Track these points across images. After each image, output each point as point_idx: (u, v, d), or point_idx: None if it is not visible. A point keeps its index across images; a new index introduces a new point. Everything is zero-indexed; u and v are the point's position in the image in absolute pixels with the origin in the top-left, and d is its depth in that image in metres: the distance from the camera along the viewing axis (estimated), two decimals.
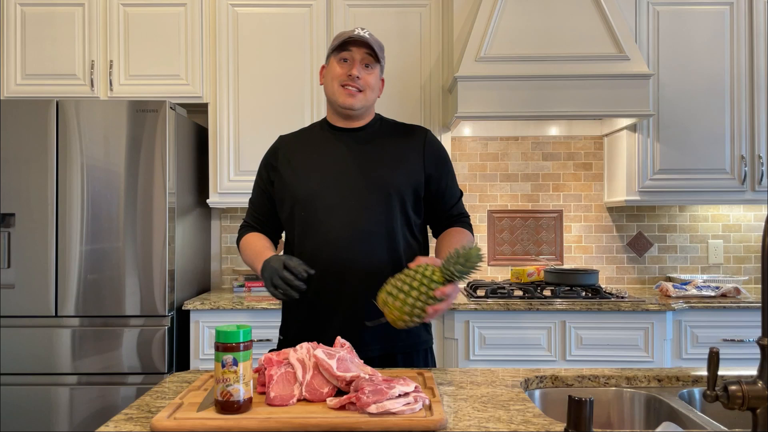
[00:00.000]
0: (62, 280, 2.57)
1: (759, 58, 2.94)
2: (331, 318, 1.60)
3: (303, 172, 1.65)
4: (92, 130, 2.59)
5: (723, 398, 0.91)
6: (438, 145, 1.72)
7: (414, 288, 1.32)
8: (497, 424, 1.09)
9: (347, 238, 1.58)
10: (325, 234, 1.58)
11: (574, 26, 2.77)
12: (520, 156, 3.33)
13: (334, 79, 1.64)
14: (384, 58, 1.67)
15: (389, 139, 1.69)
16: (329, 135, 1.70)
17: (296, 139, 1.75)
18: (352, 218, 1.59)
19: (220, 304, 2.66)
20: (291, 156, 1.69)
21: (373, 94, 1.67)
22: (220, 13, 2.99)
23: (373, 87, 1.66)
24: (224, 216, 3.35)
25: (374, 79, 1.66)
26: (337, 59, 1.64)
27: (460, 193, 1.77)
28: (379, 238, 1.59)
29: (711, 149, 2.94)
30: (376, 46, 1.62)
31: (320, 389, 1.16)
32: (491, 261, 3.31)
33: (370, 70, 1.64)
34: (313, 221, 1.60)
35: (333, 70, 1.64)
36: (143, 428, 1.07)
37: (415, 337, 1.64)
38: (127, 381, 2.56)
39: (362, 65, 1.62)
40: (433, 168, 1.68)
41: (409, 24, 3.01)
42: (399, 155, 1.66)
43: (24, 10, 2.98)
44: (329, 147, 1.68)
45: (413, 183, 1.64)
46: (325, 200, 1.60)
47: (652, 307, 2.58)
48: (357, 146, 1.67)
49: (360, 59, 1.62)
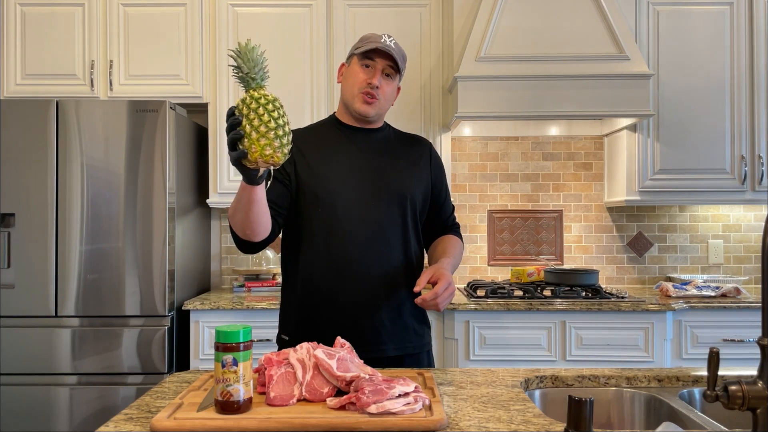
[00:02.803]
0: (62, 280, 2.57)
1: (759, 58, 2.94)
2: (345, 318, 1.60)
3: (321, 169, 1.64)
4: (92, 130, 2.59)
5: (723, 398, 0.91)
6: (439, 159, 1.80)
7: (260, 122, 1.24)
8: (497, 424, 1.09)
9: (365, 237, 1.60)
10: (344, 233, 1.59)
11: (574, 26, 2.77)
12: (520, 156, 3.33)
13: (354, 84, 1.65)
14: (405, 68, 1.69)
15: (400, 146, 1.74)
16: (342, 134, 1.70)
17: (310, 134, 1.72)
18: (371, 219, 1.61)
19: (220, 304, 2.66)
20: (306, 151, 1.66)
21: (388, 103, 1.69)
22: (220, 13, 2.99)
23: (389, 97, 1.68)
24: (224, 216, 3.35)
25: (392, 90, 1.68)
26: (360, 64, 1.64)
27: (453, 207, 1.85)
28: (395, 240, 1.64)
29: (711, 149, 2.94)
30: (400, 58, 1.64)
31: (320, 389, 1.16)
32: (491, 261, 3.31)
33: (390, 80, 1.66)
34: (332, 219, 1.60)
35: (355, 74, 1.65)
36: (143, 428, 1.07)
37: (422, 338, 1.69)
38: (127, 381, 2.56)
39: (383, 75, 1.64)
40: (437, 179, 1.76)
41: (409, 24, 3.01)
42: (412, 162, 1.71)
43: (24, 10, 2.98)
44: (344, 145, 1.68)
45: (423, 190, 1.71)
46: (344, 199, 1.61)
47: (652, 307, 2.58)
48: (371, 148, 1.69)
49: (382, 68, 1.63)
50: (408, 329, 1.66)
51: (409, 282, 1.64)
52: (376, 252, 1.61)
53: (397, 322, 1.63)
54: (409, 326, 1.66)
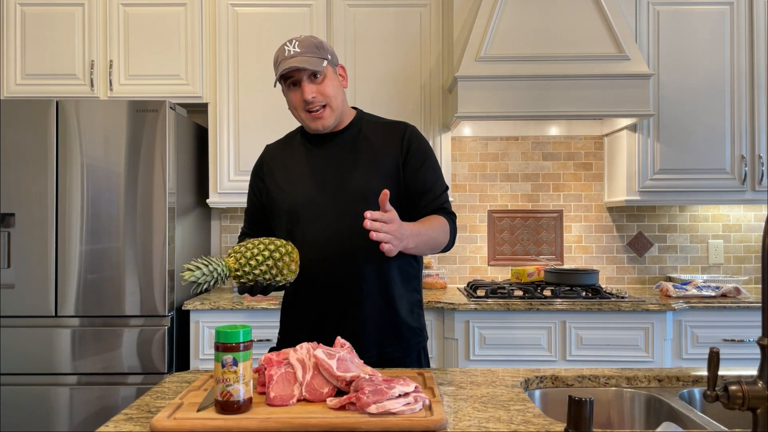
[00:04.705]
0: (62, 280, 2.57)
1: (759, 58, 2.94)
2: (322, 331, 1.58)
3: (287, 187, 1.65)
4: (92, 130, 2.59)
5: (723, 398, 0.91)
6: (418, 139, 1.65)
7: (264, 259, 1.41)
8: (497, 424, 1.09)
9: (330, 249, 1.57)
10: (309, 246, 1.56)
11: (574, 26, 2.77)
12: (520, 156, 3.33)
13: (295, 108, 1.61)
14: (326, 52, 1.58)
15: (366, 141, 1.64)
16: (306, 145, 1.68)
17: (280, 149, 1.73)
18: (334, 228, 1.57)
19: (220, 304, 2.66)
20: (275, 168, 1.69)
21: (338, 98, 1.60)
22: (220, 13, 2.99)
23: (334, 94, 1.59)
24: (224, 216, 3.35)
25: (330, 85, 1.58)
26: (287, 86, 1.60)
27: (446, 188, 1.67)
28: (362, 245, 1.48)
29: (711, 149, 2.94)
30: (311, 58, 1.54)
31: (320, 389, 1.16)
32: (491, 261, 3.31)
33: (321, 79, 1.57)
34: (297, 234, 1.59)
35: (290, 99, 1.61)
36: (143, 428, 1.07)
37: (407, 341, 1.63)
38: (127, 381, 2.56)
39: (310, 81, 1.56)
40: (413, 161, 1.61)
41: (409, 24, 3.01)
42: (374, 156, 1.62)
43: (24, 10, 2.98)
44: (307, 158, 1.66)
45: (391, 178, 1.59)
46: (307, 212, 1.59)
47: (653, 307, 2.58)
48: (332, 154, 1.64)
49: (305, 77, 1.56)
50: (387, 333, 1.60)
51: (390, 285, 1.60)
52: (340, 262, 1.56)
53: (372, 327, 1.58)
54: (388, 329, 1.60)
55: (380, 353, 1.58)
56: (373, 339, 1.58)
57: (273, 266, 1.39)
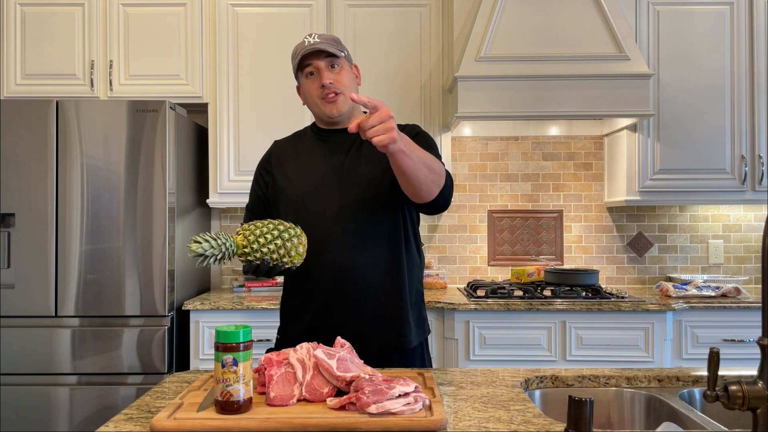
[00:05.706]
0: (62, 280, 2.57)
1: (759, 58, 2.94)
2: (327, 321, 1.60)
3: (295, 177, 1.67)
4: (92, 130, 2.59)
5: (723, 398, 0.91)
6: (424, 135, 1.68)
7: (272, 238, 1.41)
8: (497, 424, 1.09)
9: (339, 240, 1.59)
10: (317, 238, 1.57)
11: (574, 26, 2.77)
12: (520, 156, 3.33)
13: (312, 96, 1.64)
14: (344, 47, 1.66)
15: None
16: (319, 139, 1.71)
17: (289, 145, 1.76)
18: (343, 220, 1.59)
19: (220, 304, 2.66)
20: (284, 161, 1.71)
21: (352, 89, 1.65)
22: (220, 13, 2.99)
23: (349, 84, 1.64)
24: (224, 216, 3.35)
25: (346, 75, 1.64)
26: (304, 76, 1.64)
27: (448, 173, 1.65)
28: (372, 236, 1.60)
29: (711, 149, 2.94)
30: (330, 45, 1.60)
31: (320, 389, 1.16)
32: (491, 261, 3.31)
33: (338, 69, 1.62)
34: (304, 226, 1.60)
35: (307, 88, 1.65)
36: (143, 428, 1.07)
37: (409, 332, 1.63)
38: (127, 381, 2.56)
39: (328, 69, 1.62)
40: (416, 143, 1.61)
41: (409, 24, 3.01)
42: None
43: (24, 10, 2.98)
44: (319, 151, 1.69)
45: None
46: (316, 204, 1.61)
47: (653, 307, 2.58)
48: (345, 148, 1.67)
49: (324, 65, 1.61)
50: (389, 323, 1.61)
51: (395, 276, 1.61)
52: (347, 254, 1.58)
53: (374, 317, 1.60)
54: (390, 319, 1.61)
55: (383, 344, 1.60)
56: (376, 329, 1.60)
57: (282, 246, 1.40)
